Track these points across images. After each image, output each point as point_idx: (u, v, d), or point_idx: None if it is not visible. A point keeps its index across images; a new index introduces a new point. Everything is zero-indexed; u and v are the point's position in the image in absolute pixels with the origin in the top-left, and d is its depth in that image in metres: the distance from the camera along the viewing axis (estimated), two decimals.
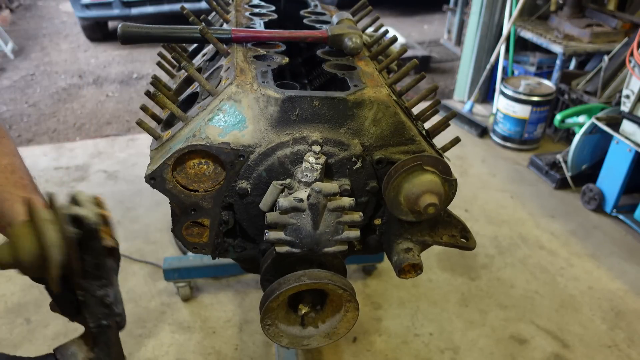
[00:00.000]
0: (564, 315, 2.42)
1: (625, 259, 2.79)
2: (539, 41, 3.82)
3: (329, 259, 1.03)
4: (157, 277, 2.54)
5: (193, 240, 1.05)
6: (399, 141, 0.99)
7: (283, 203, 0.89)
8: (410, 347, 2.23)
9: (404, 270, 1.01)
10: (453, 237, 1.09)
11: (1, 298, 2.42)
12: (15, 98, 4.67)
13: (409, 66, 1.08)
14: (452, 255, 2.75)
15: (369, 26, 1.47)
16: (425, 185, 0.92)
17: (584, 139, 3.19)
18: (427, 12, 7.53)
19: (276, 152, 0.95)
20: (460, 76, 4.62)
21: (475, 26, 4.29)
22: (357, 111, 0.96)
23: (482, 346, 2.25)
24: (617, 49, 3.38)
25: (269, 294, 0.95)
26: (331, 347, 2.20)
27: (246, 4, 1.50)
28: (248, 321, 2.32)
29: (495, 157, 3.80)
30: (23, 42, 6.14)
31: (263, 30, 1.18)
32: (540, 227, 3.03)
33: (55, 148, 3.72)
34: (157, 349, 2.19)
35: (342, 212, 0.92)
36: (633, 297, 2.53)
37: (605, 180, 3.08)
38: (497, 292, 2.54)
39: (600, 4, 4.11)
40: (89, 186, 3.27)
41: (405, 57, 3.87)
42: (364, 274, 2.62)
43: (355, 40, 1.14)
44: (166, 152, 0.94)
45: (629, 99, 2.82)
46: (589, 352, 2.23)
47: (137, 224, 2.93)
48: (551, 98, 3.63)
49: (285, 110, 0.93)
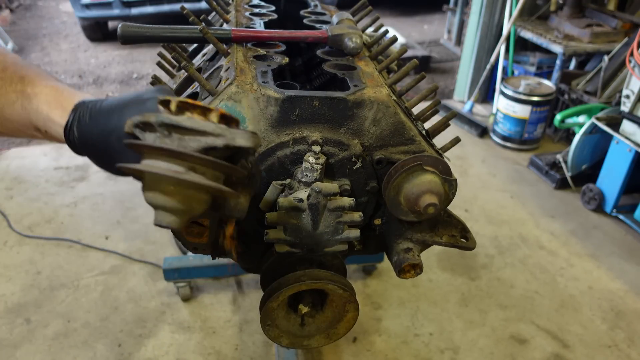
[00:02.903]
0: (564, 315, 2.42)
1: (625, 259, 2.79)
2: (539, 41, 3.83)
3: (329, 259, 1.02)
4: (157, 277, 2.54)
5: (193, 240, 1.05)
6: (399, 141, 0.99)
7: (283, 203, 0.89)
8: (410, 347, 2.23)
9: (404, 270, 1.01)
10: (453, 237, 1.08)
11: (1, 298, 2.42)
12: None
13: (409, 66, 1.08)
14: (452, 255, 2.75)
15: (369, 26, 1.47)
16: (425, 185, 0.92)
17: (584, 139, 3.19)
18: (427, 12, 7.53)
19: (276, 152, 0.95)
20: (460, 76, 4.62)
21: (475, 26, 4.29)
22: (357, 111, 0.96)
23: (482, 346, 2.25)
24: (617, 49, 3.38)
25: (269, 294, 0.94)
26: (331, 347, 2.20)
27: (246, 4, 1.50)
28: (248, 321, 2.33)
29: (495, 157, 3.80)
30: (23, 42, 6.14)
31: (263, 30, 1.18)
32: (540, 227, 3.03)
33: (55, 148, 3.72)
34: (157, 349, 2.19)
35: (342, 212, 0.92)
36: (633, 297, 2.53)
37: (605, 180, 3.08)
38: (497, 292, 2.54)
39: (600, 4, 4.11)
40: (89, 186, 3.27)
41: (405, 57, 3.88)
42: (364, 274, 2.62)
43: (355, 40, 1.14)
44: None
45: (629, 99, 2.82)
46: (589, 352, 2.23)
47: (137, 224, 2.93)
48: (551, 98, 3.63)
49: (285, 110, 0.93)
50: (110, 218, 2.97)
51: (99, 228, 2.89)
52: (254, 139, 0.65)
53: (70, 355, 2.15)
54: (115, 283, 2.52)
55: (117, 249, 2.72)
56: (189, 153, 0.61)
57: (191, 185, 0.61)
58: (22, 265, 2.62)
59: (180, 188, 0.61)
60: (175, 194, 0.62)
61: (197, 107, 0.64)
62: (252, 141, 0.64)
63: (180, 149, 0.61)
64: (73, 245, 2.76)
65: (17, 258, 2.67)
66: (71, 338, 2.22)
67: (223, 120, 0.65)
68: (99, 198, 3.15)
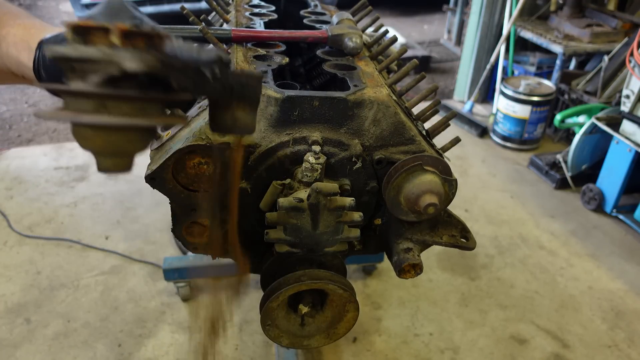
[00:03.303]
0: (564, 315, 2.42)
1: (625, 259, 2.79)
2: (539, 41, 3.83)
3: (329, 259, 1.02)
4: (157, 277, 2.54)
5: (193, 240, 1.05)
6: (399, 141, 0.99)
7: (283, 203, 0.89)
8: (410, 347, 2.23)
9: (403, 270, 1.01)
10: (453, 237, 1.08)
11: (1, 298, 2.42)
12: (15, 98, 4.67)
13: (409, 66, 1.08)
14: (452, 255, 2.75)
15: (369, 26, 1.47)
16: (425, 185, 0.92)
17: (584, 139, 3.19)
18: (427, 12, 7.53)
19: (276, 152, 0.95)
20: (460, 76, 4.62)
21: (475, 26, 4.29)
22: (357, 111, 0.96)
23: (482, 346, 2.25)
24: (617, 49, 3.38)
25: (269, 294, 0.94)
26: (331, 347, 2.20)
27: (246, 4, 1.50)
28: (248, 321, 2.32)
29: (495, 157, 3.80)
30: None
31: (263, 30, 1.18)
32: (540, 227, 3.03)
33: (55, 148, 3.72)
34: (157, 349, 2.19)
35: (342, 212, 0.92)
36: (633, 297, 2.53)
37: (605, 180, 3.08)
38: (497, 292, 2.54)
39: (600, 4, 4.11)
40: (89, 186, 3.27)
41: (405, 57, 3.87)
42: (364, 274, 2.62)
43: (356, 40, 1.14)
44: (166, 152, 0.94)
45: (629, 99, 2.82)
46: (589, 352, 2.23)
47: (137, 224, 2.93)
48: (551, 98, 3.63)
49: (285, 110, 0.93)
50: (110, 218, 2.97)
51: (99, 228, 2.89)
52: (146, 59, 0.52)
53: (70, 355, 2.15)
54: (115, 283, 2.52)
55: (117, 249, 2.72)
56: (81, 90, 0.52)
57: (102, 127, 0.53)
58: (22, 265, 2.62)
59: (97, 131, 0.54)
60: (95, 137, 0.54)
61: (96, 29, 0.53)
62: (144, 62, 0.52)
63: (73, 88, 0.53)
64: (73, 245, 2.76)
65: (17, 258, 2.67)
66: (71, 338, 2.22)
67: (127, 38, 0.54)
68: (99, 198, 3.15)
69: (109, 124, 0.52)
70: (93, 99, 0.53)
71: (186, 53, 0.58)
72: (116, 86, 0.53)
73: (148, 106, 0.56)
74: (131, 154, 0.57)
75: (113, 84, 0.53)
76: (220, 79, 0.60)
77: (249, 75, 0.63)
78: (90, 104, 0.53)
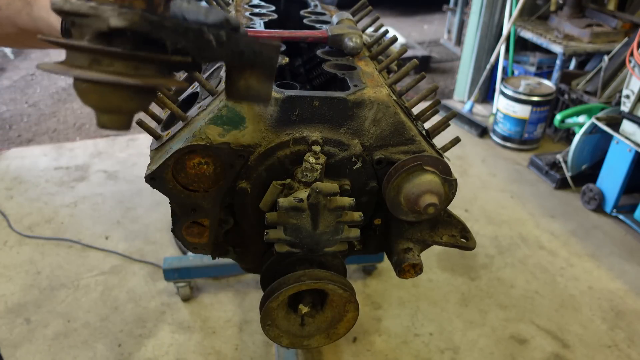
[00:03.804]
0: (564, 315, 2.42)
1: (625, 259, 2.79)
2: (539, 41, 3.83)
3: (329, 259, 1.02)
4: (157, 277, 2.54)
5: (193, 240, 1.05)
6: (399, 141, 0.99)
7: (283, 203, 0.89)
8: (410, 347, 2.23)
9: (403, 270, 1.01)
10: (453, 237, 1.08)
11: (1, 298, 2.42)
12: (15, 98, 4.67)
13: (409, 66, 1.08)
14: (452, 255, 2.75)
15: (369, 26, 1.47)
16: (425, 185, 0.92)
17: (584, 139, 3.19)
18: (427, 12, 7.53)
19: (276, 152, 0.95)
20: (460, 76, 4.62)
21: (475, 26, 4.29)
22: (357, 111, 0.95)
23: (482, 346, 2.25)
24: (617, 49, 3.38)
25: (269, 294, 0.94)
26: (331, 347, 2.20)
27: (246, 4, 1.50)
28: (248, 321, 2.33)
29: (495, 157, 3.80)
30: None
31: (263, 30, 1.18)
32: (540, 227, 3.03)
33: (55, 148, 3.72)
34: (157, 349, 2.19)
35: (342, 212, 0.92)
36: (633, 297, 2.53)
37: (605, 180, 3.08)
38: (497, 292, 2.55)
39: (600, 4, 4.11)
40: (89, 186, 3.27)
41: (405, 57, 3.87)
42: (364, 274, 2.62)
43: (356, 40, 1.14)
44: (166, 152, 0.94)
45: (629, 99, 2.82)
46: (589, 352, 2.23)
47: (137, 224, 2.93)
48: (551, 98, 3.63)
49: (285, 110, 0.93)
50: (110, 218, 2.97)
51: (99, 228, 2.89)
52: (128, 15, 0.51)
53: (70, 355, 2.15)
54: (115, 283, 2.52)
55: (117, 249, 2.72)
56: (72, 44, 0.52)
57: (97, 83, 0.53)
58: (22, 265, 2.62)
59: (93, 87, 0.53)
60: (91, 93, 0.54)
61: None
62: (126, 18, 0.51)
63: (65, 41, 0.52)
64: (73, 245, 2.76)
65: (17, 258, 2.67)
66: (71, 338, 2.22)
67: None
68: (99, 198, 3.15)
69: (97, 79, 0.52)
70: (87, 54, 0.53)
71: (192, 15, 0.57)
72: (109, 43, 0.53)
73: (142, 66, 0.55)
74: (126, 112, 0.57)
75: (106, 40, 0.52)
76: (228, 44, 0.58)
77: (264, 44, 0.61)
78: (85, 59, 0.53)
